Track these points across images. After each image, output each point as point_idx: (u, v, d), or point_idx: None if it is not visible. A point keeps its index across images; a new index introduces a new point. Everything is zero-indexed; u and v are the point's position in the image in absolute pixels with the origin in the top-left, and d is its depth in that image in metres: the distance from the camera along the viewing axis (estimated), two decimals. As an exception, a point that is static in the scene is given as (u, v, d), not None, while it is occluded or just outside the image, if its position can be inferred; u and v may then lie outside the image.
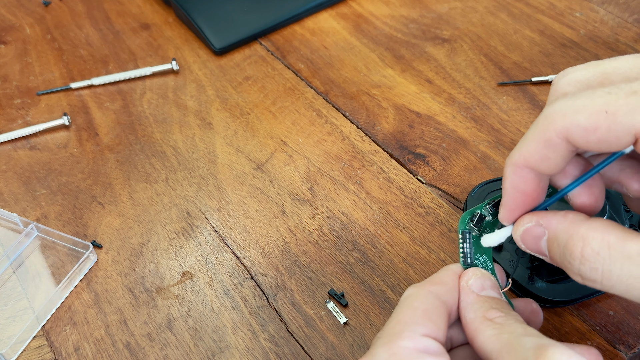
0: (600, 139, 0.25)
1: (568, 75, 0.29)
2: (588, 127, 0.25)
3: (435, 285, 0.31)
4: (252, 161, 0.50)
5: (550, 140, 0.27)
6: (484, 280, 0.31)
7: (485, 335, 0.28)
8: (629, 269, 0.25)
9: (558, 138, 0.26)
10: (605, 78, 0.27)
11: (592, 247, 0.26)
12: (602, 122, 0.25)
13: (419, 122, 0.52)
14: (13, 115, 0.56)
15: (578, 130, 0.25)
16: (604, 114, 0.25)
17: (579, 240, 0.27)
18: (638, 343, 0.37)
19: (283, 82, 0.57)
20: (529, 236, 0.30)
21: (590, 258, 0.26)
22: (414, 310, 0.29)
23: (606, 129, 0.25)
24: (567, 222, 0.28)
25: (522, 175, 0.29)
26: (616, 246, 0.26)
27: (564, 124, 0.26)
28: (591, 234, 0.26)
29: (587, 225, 0.27)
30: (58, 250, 0.45)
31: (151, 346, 0.40)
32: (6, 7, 0.68)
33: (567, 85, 0.28)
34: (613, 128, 0.25)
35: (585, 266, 0.26)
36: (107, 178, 0.50)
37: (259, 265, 0.43)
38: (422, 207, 0.46)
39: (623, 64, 0.27)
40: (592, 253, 0.26)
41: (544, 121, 0.27)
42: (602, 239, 0.26)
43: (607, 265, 0.26)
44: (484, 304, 0.30)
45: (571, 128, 0.26)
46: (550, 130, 0.26)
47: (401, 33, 0.60)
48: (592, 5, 0.61)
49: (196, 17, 0.61)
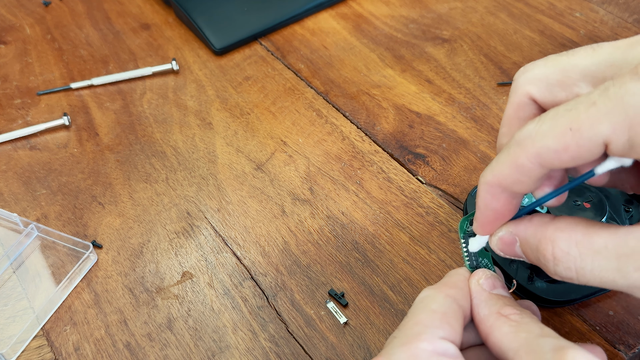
0: (573, 156, 0.26)
1: (527, 72, 0.29)
2: (558, 149, 0.25)
3: (451, 288, 0.31)
4: (252, 161, 0.50)
5: (523, 165, 0.27)
6: (493, 280, 0.32)
7: (501, 332, 0.29)
8: (599, 263, 0.26)
9: (531, 163, 0.27)
10: (564, 75, 0.28)
11: (561, 247, 0.27)
12: (569, 141, 0.25)
13: (419, 122, 0.52)
14: (13, 115, 0.56)
15: (549, 153, 0.26)
16: (569, 132, 0.25)
17: (547, 243, 0.28)
18: (638, 343, 0.37)
19: (283, 82, 0.57)
20: (504, 244, 0.31)
21: (561, 258, 0.27)
22: (433, 313, 0.29)
23: (576, 146, 0.25)
24: (533, 226, 0.29)
25: (495, 194, 0.29)
26: (583, 243, 0.27)
27: (534, 149, 0.26)
28: (558, 235, 0.27)
29: (553, 226, 0.28)
30: (58, 250, 0.45)
31: (151, 346, 0.40)
32: (6, 7, 0.68)
33: (528, 84, 0.29)
34: (581, 143, 0.25)
35: (559, 266, 0.27)
36: (107, 178, 0.50)
37: (259, 265, 0.43)
38: (422, 207, 0.46)
39: (581, 61, 0.28)
40: (563, 253, 0.27)
41: (515, 148, 0.27)
42: (569, 238, 0.27)
43: (578, 262, 0.27)
44: (498, 301, 0.30)
45: (542, 152, 0.26)
46: (522, 156, 0.27)
47: (401, 33, 0.60)
48: (592, 5, 0.61)
49: (196, 17, 0.61)
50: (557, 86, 0.28)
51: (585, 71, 0.28)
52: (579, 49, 0.28)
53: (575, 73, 0.28)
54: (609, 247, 0.26)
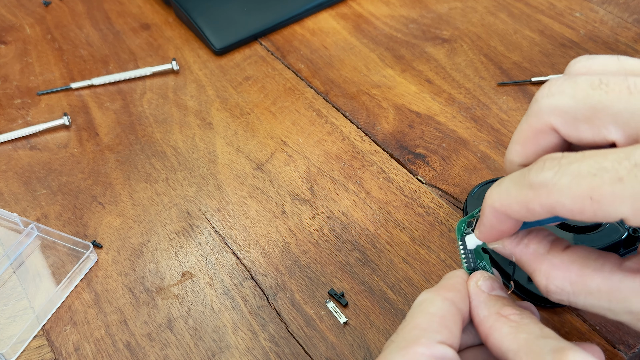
0: (587, 218, 0.25)
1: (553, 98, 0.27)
2: (574, 209, 0.25)
3: (450, 291, 0.31)
4: (252, 161, 0.50)
5: (533, 210, 0.26)
6: (492, 282, 0.32)
7: (501, 333, 0.29)
8: (591, 302, 0.27)
9: (542, 211, 0.26)
10: (593, 114, 0.26)
11: (556, 284, 0.28)
12: (587, 208, 0.24)
13: (419, 122, 0.52)
14: (13, 115, 0.56)
15: (564, 210, 0.25)
16: (589, 200, 0.24)
17: (542, 277, 0.29)
18: (638, 343, 0.37)
19: (283, 82, 0.57)
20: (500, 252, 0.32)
21: (555, 292, 0.28)
22: (431, 316, 0.29)
23: (592, 214, 0.24)
24: (529, 254, 0.30)
25: (500, 220, 0.29)
26: (577, 283, 0.27)
27: (549, 202, 0.25)
28: (553, 273, 0.28)
29: (547, 262, 0.29)
30: (58, 250, 0.45)
31: (151, 346, 0.40)
32: (6, 7, 0.68)
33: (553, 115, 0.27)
34: (599, 214, 0.24)
35: (551, 296, 0.29)
36: (108, 178, 0.50)
37: (259, 265, 0.43)
38: (422, 207, 0.46)
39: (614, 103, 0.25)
40: (556, 289, 0.28)
41: (528, 191, 0.26)
42: (564, 277, 0.28)
43: (572, 298, 0.28)
44: (497, 302, 0.30)
45: (556, 207, 0.25)
46: (534, 203, 0.26)
47: (401, 33, 0.60)
48: (592, 5, 0.61)
49: (196, 17, 0.61)
50: (584, 123, 0.26)
51: (617, 116, 0.25)
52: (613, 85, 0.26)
53: (607, 115, 0.25)
54: (601, 291, 0.27)
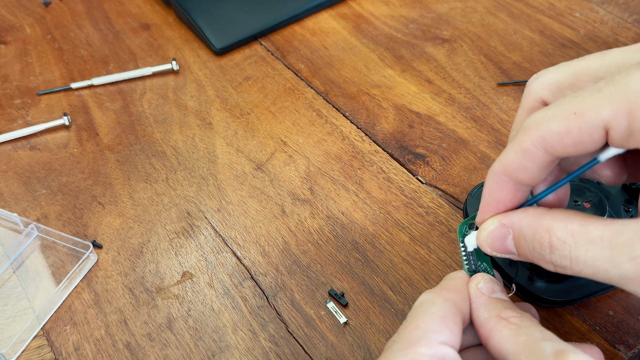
0: (575, 141, 0.26)
1: (540, 77, 0.30)
2: (561, 131, 0.26)
3: (450, 292, 0.31)
4: (252, 161, 0.50)
5: (527, 150, 0.28)
6: (492, 284, 0.32)
7: (502, 335, 0.29)
8: (593, 253, 0.27)
9: (535, 147, 0.27)
10: (575, 79, 0.29)
11: (558, 236, 0.28)
12: (572, 124, 0.26)
13: (419, 122, 0.52)
14: (13, 115, 0.56)
15: (553, 136, 0.27)
16: (573, 116, 0.26)
17: (544, 232, 0.28)
18: (638, 343, 0.37)
19: (283, 82, 0.57)
20: (493, 239, 0.31)
21: (558, 246, 0.28)
22: (432, 316, 0.29)
23: (578, 130, 0.26)
24: (529, 217, 0.29)
25: (499, 183, 0.30)
26: (580, 232, 0.27)
27: (539, 132, 0.27)
28: (555, 224, 0.28)
29: (549, 216, 0.28)
30: (58, 250, 0.45)
31: (151, 346, 0.40)
32: (6, 7, 0.68)
33: (541, 89, 0.30)
34: (583, 127, 0.26)
35: (555, 254, 0.28)
36: (107, 178, 0.50)
37: (259, 265, 0.43)
38: (422, 207, 0.46)
39: (591, 64, 0.29)
40: (559, 242, 0.27)
41: (521, 132, 0.28)
42: (566, 227, 0.27)
43: (573, 251, 0.27)
44: (497, 305, 0.30)
45: (546, 135, 0.27)
46: (526, 140, 0.28)
47: (401, 33, 0.60)
48: (592, 5, 0.61)
49: (196, 17, 0.61)
50: (569, 89, 0.29)
51: (595, 73, 0.28)
52: (589, 55, 0.29)
53: (587, 76, 0.29)
54: (604, 237, 0.26)
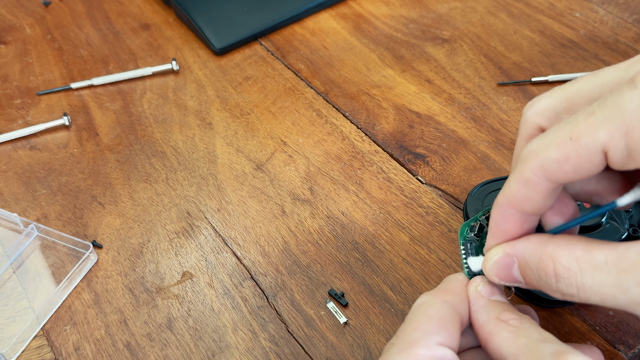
0: (574, 167, 0.26)
1: (535, 104, 0.30)
2: (560, 159, 0.26)
3: (448, 294, 0.31)
4: (252, 161, 0.50)
5: (528, 180, 0.27)
6: (492, 286, 0.32)
7: (501, 338, 0.29)
8: (599, 279, 0.26)
9: (536, 177, 0.27)
10: (570, 102, 0.29)
11: (562, 263, 0.27)
12: (570, 150, 0.26)
13: (419, 122, 0.52)
14: (13, 115, 0.56)
15: (552, 164, 0.26)
16: (569, 141, 0.26)
17: (548, 259, 0.28)
18: (638, 343, 0.37)
19: (283, 82, 0.57)
20: (499, 268, 0.30)
21: (563, 274, 0.27)
22: (430, 318, 0.29)
23: (576, 155, 0.26)
24: (532, 245, 0.29)
25: (505, 215, 0.29)
26: (584, 258, 0.27)
27: (537, 162, 0.27)
28: (559, 252, 0.28)
29: (552, 244, 0.28)
30: (58, 250, 0.45)
31: (151, 346, 0.40)
32: (6, 7, 0.68)
33: (536, 115, 0.30)
34: (581, 152, 0.26)
35: (561, 283, 0.27)
36: (107, 178, 0.50)
37: (259, 265, 0.43)
38: (422, 207, 0.46)
39: (584, 86, 0.28)
40: (564, 269, 0.27)
41: (521, 163, 0.28)
42: (570, 254, 0.27)
43: (579, 278, 0.27)
44: (497, 307, 0.30)
45: (545, 164, 0.27)
46: (527, 170, 0.27)
47: (401, 33, 0.60)
48: (592, 5, 0.61)
49: (196, 17, 0.61)
50: (565, 113, 0.29)
51: (589, 94, 0.28)
52: (581, 77, 0.29)
53: (581, 98, 0.28)
54: (608, 262, 0.26)
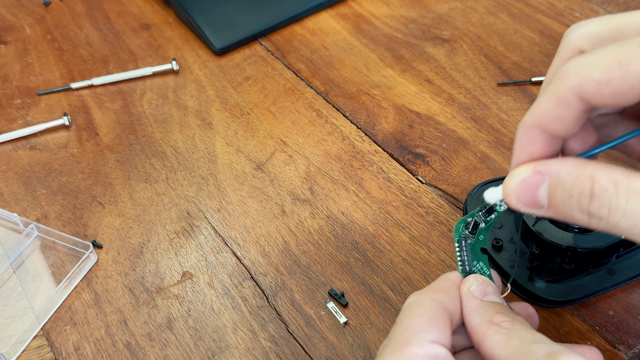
0: (614, 91, 0.25)
1: (581, 28, 0.28)
2: (601, 80, 0.25)
3: (437, 292, 0.31)
4: (252, 161, 0.50)
5: (563, 97, 0.26)
6: (485, 286, 0.31)
7: (493, 340, 0.28)
8: (633, 204, 0.26)
9: (571, 95, 0.26)
10: (618, 32, 0.27)
11: (600, 184, 0.26)
12: (615, 74, 0.25)
13: (419, 122, 0.52)
14: (13, 115, 0.56)
15: (592, 85, 0.25)
16: (617, 65, 0.25)
17: (586, 179, 0.27)
18: (638, 343, 0.37)
19: (283, 82, 0.57)
20: (524, 188, 0.29)
21: (599, 194, 0.26)
22: (420, 317, 0.29)
23: (620, 80, 0.25)
24: (569, 164, 0.28)
25: (532, 136, 0.28)
26: (622, 182, 0.26)
27: (577, 79, 0.26)
28: (598, 172, 0.27)
29: (593, 164, 0.27)
30: (58, 250, 0.45)
31: (151, 346, 0.40)
32: (6, 7, 0.68)
33: (580, 39, 0.28)
34: (626, 78, 0.25)
35: (595, 203, 0.27)
36: (107, 178, 0.50)
37: (259, 265, 0.43)
38: (422, 207, 0.46)
39: (636, 18, 0.27)
40: (601, 190, 0.26)
41: (557, 80, 0.26)
42: (609, 176, 0.26)
43: (614, 201, 0.26)
44: (489, 309, 0.30)
45: (585, 83, 0.26)
46: (563, 87, 0.26)
47: (401, 33, 0.60)
48: (592, 5, 0.61)
49: (196, 17, 0.61)
50: (611, 42, 0.27)
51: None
52: (634, 10, 0.28)
53: (631, 30, 0.27)
54: None
